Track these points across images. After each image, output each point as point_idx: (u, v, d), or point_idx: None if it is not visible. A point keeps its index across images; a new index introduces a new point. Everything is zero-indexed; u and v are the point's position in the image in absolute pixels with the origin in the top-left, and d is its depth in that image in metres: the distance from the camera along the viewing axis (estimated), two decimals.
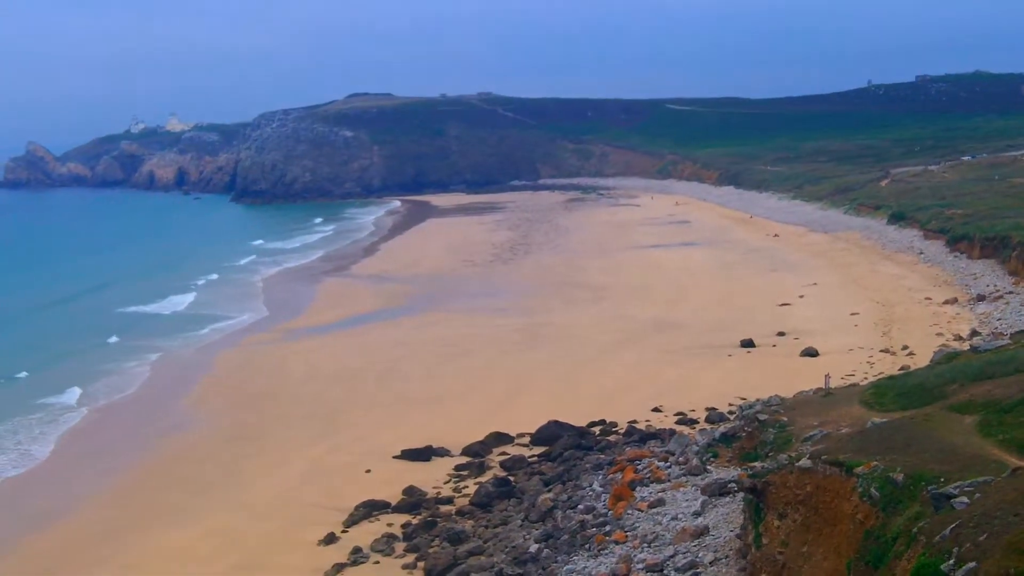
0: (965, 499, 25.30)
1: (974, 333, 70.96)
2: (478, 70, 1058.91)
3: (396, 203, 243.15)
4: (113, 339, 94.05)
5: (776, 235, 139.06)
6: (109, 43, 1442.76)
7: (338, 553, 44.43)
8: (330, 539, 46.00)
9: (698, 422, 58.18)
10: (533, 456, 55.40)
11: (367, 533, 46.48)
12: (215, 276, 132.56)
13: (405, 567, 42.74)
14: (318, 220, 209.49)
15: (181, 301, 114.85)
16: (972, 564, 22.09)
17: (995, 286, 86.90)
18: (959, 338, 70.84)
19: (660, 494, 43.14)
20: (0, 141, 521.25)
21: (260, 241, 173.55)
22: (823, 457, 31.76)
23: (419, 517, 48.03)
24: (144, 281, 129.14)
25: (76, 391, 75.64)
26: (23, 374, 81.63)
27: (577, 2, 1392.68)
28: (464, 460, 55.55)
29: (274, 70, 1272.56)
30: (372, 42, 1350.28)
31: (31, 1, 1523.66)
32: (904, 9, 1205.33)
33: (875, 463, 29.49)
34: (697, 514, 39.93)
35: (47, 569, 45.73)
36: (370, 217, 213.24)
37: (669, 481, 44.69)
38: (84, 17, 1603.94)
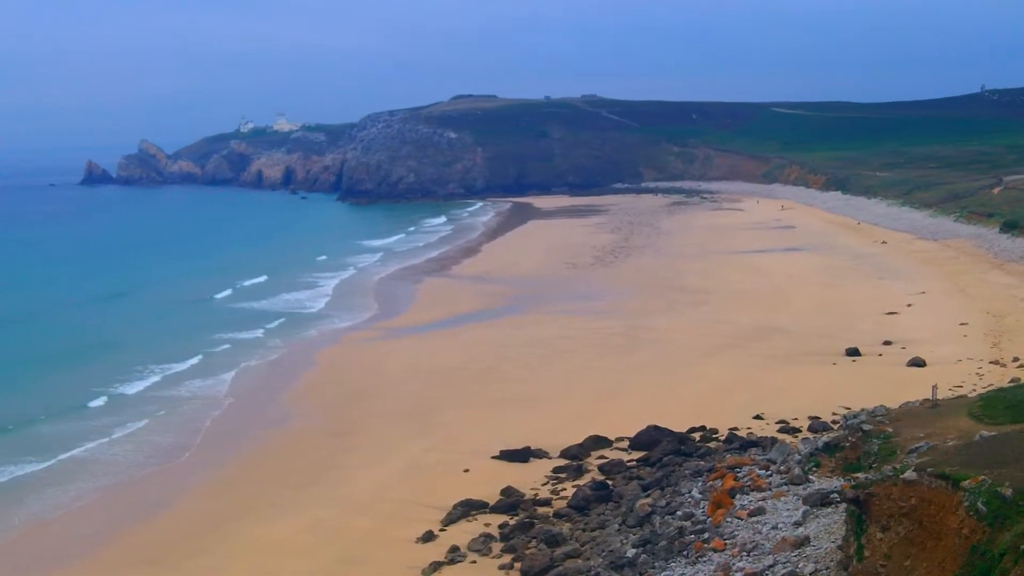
0: None
1: None
2: (582, 72, 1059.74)
3: (507, 204, 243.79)
4: (259, 333, 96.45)
5: (884, 242, 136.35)
6: (216, 43, 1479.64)
7: (435, 551, 44.79)
8: (428, 537, 46.42)
9: (800, 431, 57.26)
10: (631, 460, 55.12)
11: (464, 532, 46.75)
12: (347, 274, 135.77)
13: (502, 567, 42.90)
14: (439, 220, 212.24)
15: (320, 297, 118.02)
16: None
17: None
18: None
19: (760, 503, 42.60)
20: (114, 139, 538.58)
21: (394, 238, 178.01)
22: (928, 469, 31.07)
23: (516, 518, 48.13)
24: (286, 277, 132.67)
25: (222, 386, 77.62)
26: (197, 358, 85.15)
27: (682, 5, 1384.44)
28: (562, 462, 55.53)
29: (379, 71, 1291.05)
30: (477, 44, 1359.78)
31: (143, 2, 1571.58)
32: (1020, 8, 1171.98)
33: (982, 477, 28.79)
34: (798, 524, 39.34)
35: (149, 558, 46.85)
36: (482, 218, 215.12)
37: (770, 490, 44.10)
38: (192, 16, 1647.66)
